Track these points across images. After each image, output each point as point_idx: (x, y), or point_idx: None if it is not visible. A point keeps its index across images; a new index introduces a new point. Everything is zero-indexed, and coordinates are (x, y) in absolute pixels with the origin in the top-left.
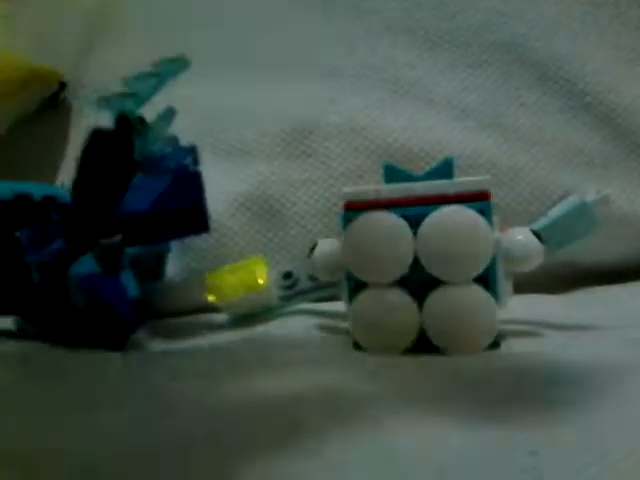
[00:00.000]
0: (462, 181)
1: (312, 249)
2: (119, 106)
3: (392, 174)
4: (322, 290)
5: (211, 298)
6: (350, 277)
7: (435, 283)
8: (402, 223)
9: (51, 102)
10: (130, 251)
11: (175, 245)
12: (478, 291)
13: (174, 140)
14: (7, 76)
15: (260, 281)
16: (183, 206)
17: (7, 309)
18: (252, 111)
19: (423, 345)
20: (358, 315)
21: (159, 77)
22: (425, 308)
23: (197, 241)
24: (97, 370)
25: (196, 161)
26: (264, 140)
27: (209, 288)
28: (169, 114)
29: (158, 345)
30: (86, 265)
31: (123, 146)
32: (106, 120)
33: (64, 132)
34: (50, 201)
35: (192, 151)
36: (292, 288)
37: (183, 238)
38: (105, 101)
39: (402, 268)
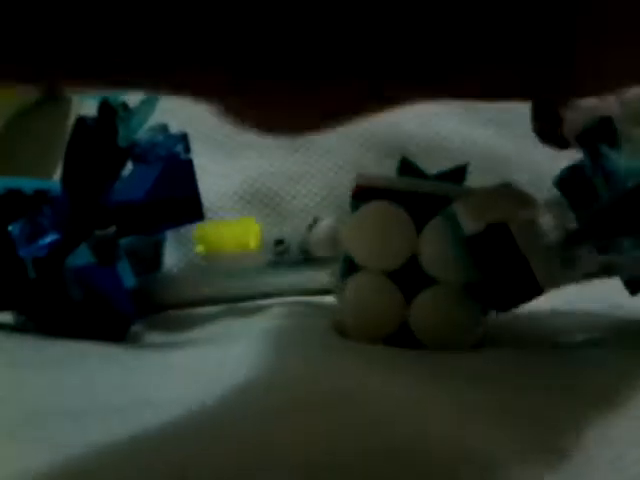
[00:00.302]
0: (469, 188)
1: (311, 224)
2: (102, 94)
3: (406, 168)
4: (311, 264)
5: (199, 248)
6: (346, 259)
7: (427, 282)
8: (406, 218)
9: (50, 94)
10: (126, 241)
11: (171, 236)
12: (468, 296)
13: (164, 128)
14: None
15: (251, 240)
16: (177, 194)
17: (4, 305)
18: None
19: (406, 338)
20: (344, 297)
21: None
22: (416, 304)
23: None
24: None
25: (187, 149)
26: None
27: (198, 238)
28: (152, 99)
29: (158, 337)
30: (81, 257)
31: (106, 132)
32: None
33: (63, 125)
34: (42, 195)
35: (183, 139)
36: (282, 255)
37: (178, 227)
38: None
39: (397, 260)
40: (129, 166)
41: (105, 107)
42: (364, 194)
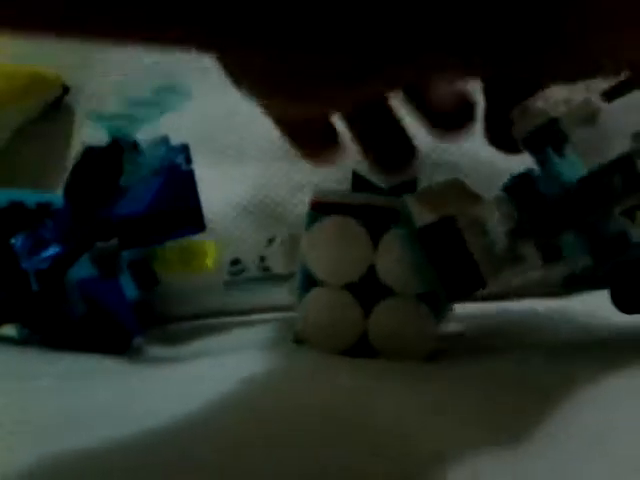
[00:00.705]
0: None
1: (270, 240)
2: (114, 127)
3: (359, 182)
4: (270, 282)
5: (157, 269)
6: (304, 273)
7: (384, 293)
8: (362, 231)
9: (54, 107)
10: (128, 254)
11: None
12: (422, 306)
13: (165, 140)
14: (9, 84)
15: (208, 262)
16: (178, 205)
17: (7, 317)
18: (252, 114)
19: (364, 348)
20: (304, 311)
21: (159, 107)
22: (374, 315)
23: None
24: None
25: (188, 160)
26: (264, 143)
27: (156, 260)
28: (163, 142)
29: (159, 351)
30: (84, 269)
31: (111, 171)
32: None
33: (67, 137)
34: (44, 208)
35: (184, 150)
36: (238, 275)
37: (180, 238)
38: (101, 118)
39: (355, 273)
40: None
41: (114, 145)
42: (320, 209)
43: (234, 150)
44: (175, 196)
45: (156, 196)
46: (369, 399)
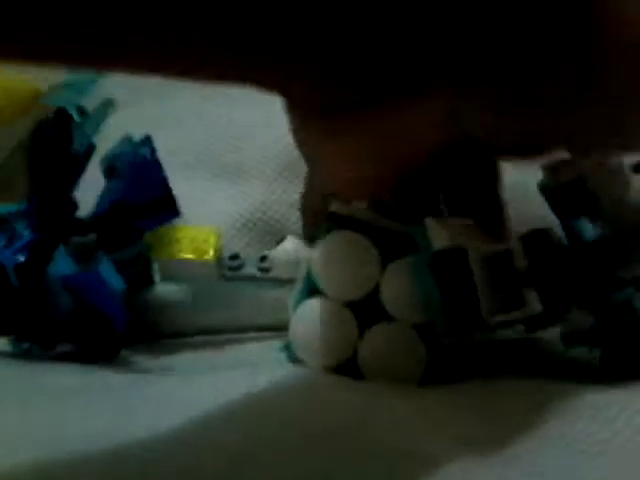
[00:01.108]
0: None
1: (278, 242)
2: (60, 98)
3: (381, 205)
4: (266, 282)
5: (154, 253)
6: (307, 281)
7: (382, 317)
8: (373, 251)
9: None
10: (114, 256)
11: None
12: (417, 337)
13: (129, 139)
14: (11, 100)
15: (210, 251)
16: (150, 195)
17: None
18: (252, 131)
19: (351, 370)
20: (299, 319)
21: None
22: (367, 337)
23: None
24: None
25: (153, 151)
26: (264, 160)
27: (153, 242)
28: (108, 104)
29: (152, 364)
30: (64, 266)
31: (61, 138)
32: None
33: None
34: (17, 215)
35: (147, 142)
36: (236, 270)
37: (157, 226)
38: (49, 94)
39: (359, 292)
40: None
41: (61, 114)
42: (335, 220)
43: (233, 167)
44: (145, 187)
45: (126, 189)
46: (370, 412)
